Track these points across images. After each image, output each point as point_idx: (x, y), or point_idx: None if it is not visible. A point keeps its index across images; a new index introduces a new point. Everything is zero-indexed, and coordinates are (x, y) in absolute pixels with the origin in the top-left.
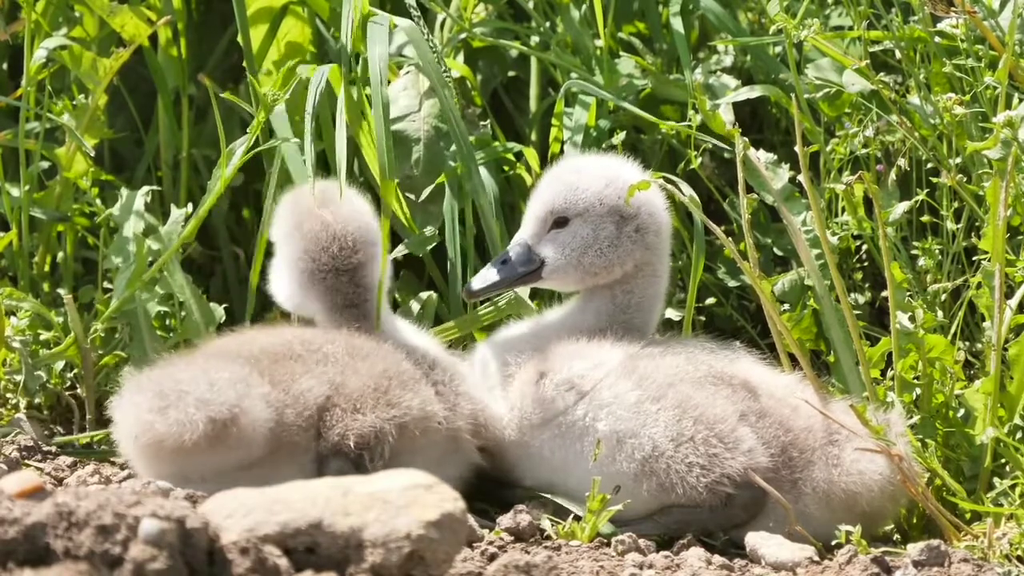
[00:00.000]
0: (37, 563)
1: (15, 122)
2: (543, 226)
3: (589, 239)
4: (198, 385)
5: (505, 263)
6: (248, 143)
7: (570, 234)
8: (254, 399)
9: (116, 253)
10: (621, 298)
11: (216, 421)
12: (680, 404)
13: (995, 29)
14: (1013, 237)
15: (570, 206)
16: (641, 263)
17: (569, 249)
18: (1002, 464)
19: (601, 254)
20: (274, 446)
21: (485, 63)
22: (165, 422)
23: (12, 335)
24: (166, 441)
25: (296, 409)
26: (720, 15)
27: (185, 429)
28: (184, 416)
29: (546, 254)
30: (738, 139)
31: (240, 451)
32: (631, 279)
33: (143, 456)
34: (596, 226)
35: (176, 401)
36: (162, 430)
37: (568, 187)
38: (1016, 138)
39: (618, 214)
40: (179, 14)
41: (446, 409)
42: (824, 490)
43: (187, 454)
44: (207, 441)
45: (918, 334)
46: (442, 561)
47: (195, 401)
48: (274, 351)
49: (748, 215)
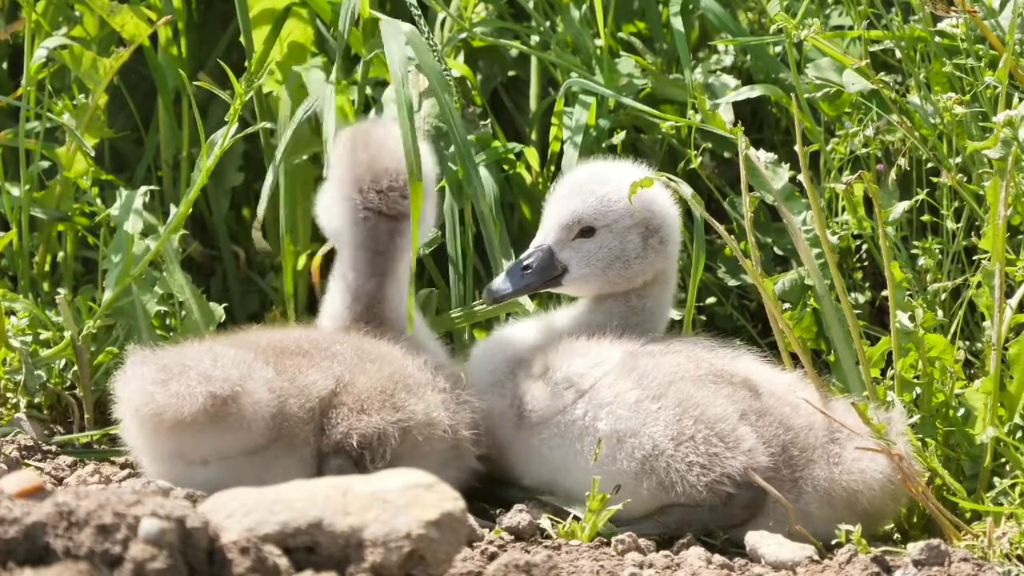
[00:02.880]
0: (37, 563)
1: (15, 122)
2: (567, 233)
3: (616, 251)
4: (201, 361)
5: (527, 269)
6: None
7: (596, 244)
8: (256, 381)
9: (115, 252)
10: (635, 302)
11: (216, 396)
12: (681, 403)
13: (995, 28)
14: (1013, 236)
15: (599, 216)
16: (659, 271)
17: (595, 259)
18: (1002, 463)
19: (627, 266)
20: (274, 435)
21: (485, 63)
22: (166, 393)
23: (12, 334)
24: (166, 413)
25: (299, 400)
26: (720, 15)
27: (185, 402)
28: (185, 389)
29: (569, 262)
30: (740, 138)
31: (239, 432)
32: (648, 286)
33: (143, 432)
34: (623, 238)
35: (178, 374)
36: (162, 401)
37: (598, 198)
38: (1016, 138)
39: (644, 226)
40: (179, 14)
41: (450, 417)
42: (825, 489)
43: (186, 429)
44: (206, 416)
45: (918, 333)
46: (442, 560)
47: (197, 375)
48: (282, 345)
49: (750, 214)
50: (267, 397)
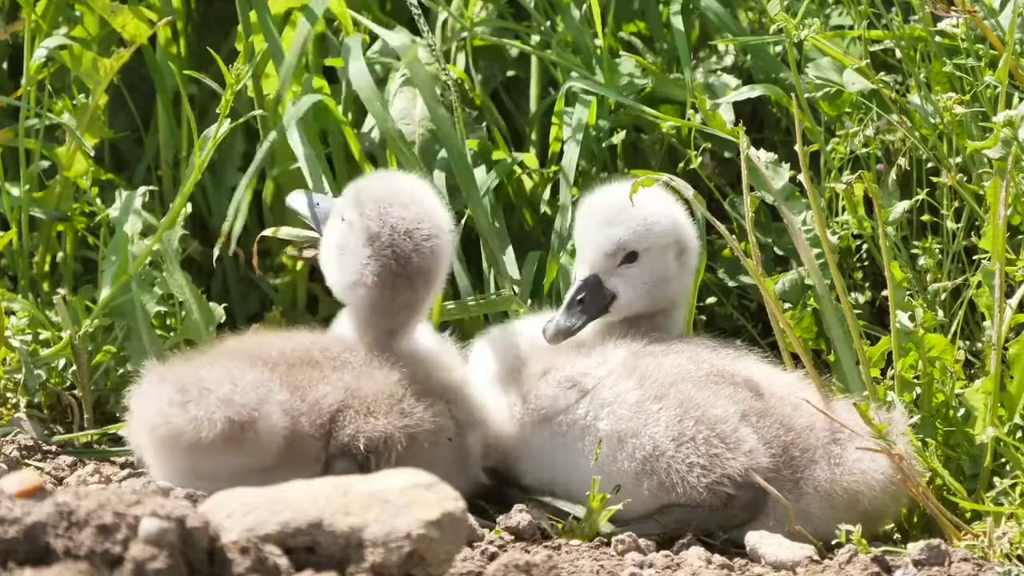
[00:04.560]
0: (37, 563)
1: (15, 121)
2: (612, 261)
3: (659, 272)
4: (221, 385)
5: (582, 303)
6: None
7: (640, 269)
8: (273, 405)
9: (115, 253)
10: (660, 320)
11: (235, 423)
12: (682, 404)
13: (995, 28)
14: (1013, 236)
15: (641, 240)
16: (687, 288)
17: (641, 283)
18: (1002, 463)
19: (668, 286)
20: (286, 455)
21: (485, 62)
22: (185, 416)
23: (12, 334)
24: (183, 436)
25: (310, 418)
26: (720, 14)
27: (203, 426)
28: (204, 413)
29: (616, 288)
30: (741, 137)
31: (254, 456)
32: (674, 304)
33: (157, 449)
34: (662, 259)
35: (198, 397)
36: (180, 424)
37: (639, 222)
38: (1016, 137)
39: (678, 244)
40: (179, 14)
41: (457, 425)
42: (826, 489)
43: (202, 452)
44: (223, 441)
45: (918, 333)
46: (442, 560)
47: (217, 400)
48: (293, 356)
49: (751, 213)
50: (282, 422)
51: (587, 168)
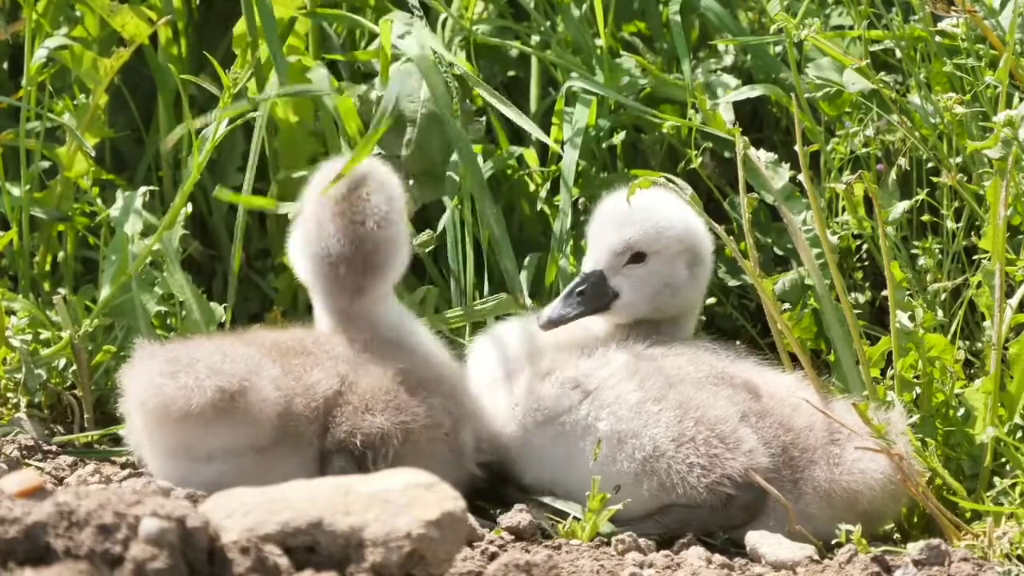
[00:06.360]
0: (38, 562)
1: (16, 122)
2: (619, 260)
3: (666, 277)
4: (211, 355)
5: (582, 295)
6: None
7: (647, 271)
8: (264, 378)
9: (115, 252)
10: (666, 328)
11: (224, 391)
12: (681, 404)
13: (995, 28)
14: (1013, 236)
15: (652, 242)
16: (696, 300)
17: (646, 286)
18: (1002, 463)
19: (675, 293)
20: (280, 435)
21: (485, 62)
22: (174, 385)
23: (12, 334)
24: (174, 405)
25: (305, 399)
26: (720, 14)
27: (193, 394)
28: (193, 381)
29: (620, 287)
30: (739, 138)
31: (245, 428)
32: (683, 314)
33: (149, 425)
34: (672, 266)
35: (187, 367)
36: (170, 393)
37: (652, 224)
38: (1016, 137)
39: (692, 254)
40: (179, 14)
41: (452, 421)
42: (825, 489)
43: (192, 422)
44: (213, 410)
45: (918, 333)
46: (442, 560)
47: (206, 369)
48: (286, 345)
49: (749, 214)
50: (274, 395)
51: (587, 168)
